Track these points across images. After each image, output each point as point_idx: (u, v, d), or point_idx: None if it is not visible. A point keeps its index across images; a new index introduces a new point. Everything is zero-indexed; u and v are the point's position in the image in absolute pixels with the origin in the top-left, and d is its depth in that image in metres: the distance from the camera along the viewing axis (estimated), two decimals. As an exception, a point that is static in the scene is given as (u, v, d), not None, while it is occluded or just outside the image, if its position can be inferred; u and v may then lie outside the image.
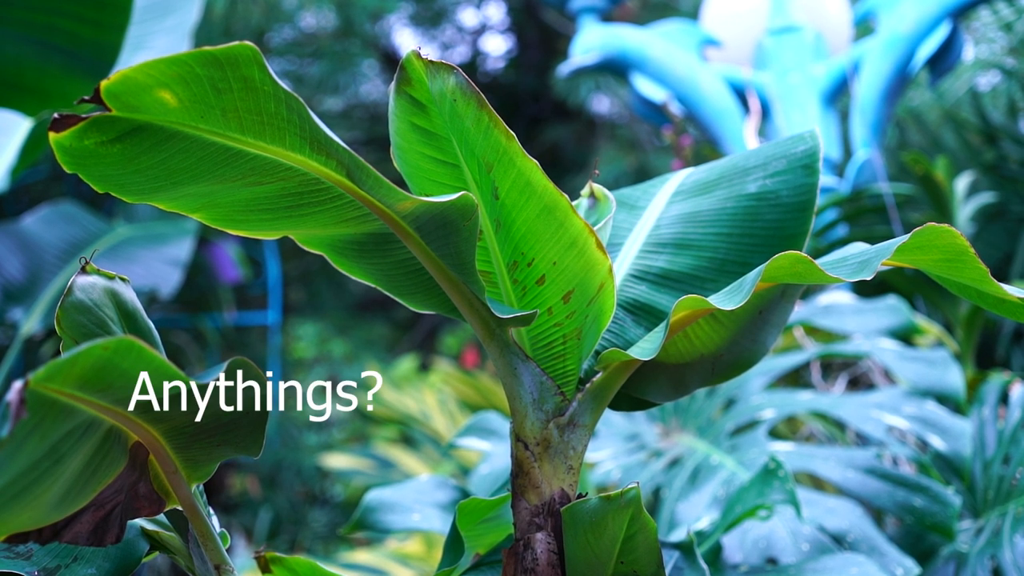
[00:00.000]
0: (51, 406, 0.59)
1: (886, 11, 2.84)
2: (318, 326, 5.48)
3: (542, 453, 0.81)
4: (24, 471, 0.58)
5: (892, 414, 1.39)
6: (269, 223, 0.78)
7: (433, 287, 0.84)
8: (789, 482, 1.09)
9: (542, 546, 0.80)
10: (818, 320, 1.63)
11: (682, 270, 0.93)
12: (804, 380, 1.97)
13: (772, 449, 1.41)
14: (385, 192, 0.71)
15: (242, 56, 0.63)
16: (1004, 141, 2.88)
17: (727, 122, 2.86)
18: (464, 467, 2.93)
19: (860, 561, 1.03)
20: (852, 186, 2.60)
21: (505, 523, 0.91)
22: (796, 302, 0.91)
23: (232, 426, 0.73)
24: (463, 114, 0.73)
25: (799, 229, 0.90)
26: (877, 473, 1.28)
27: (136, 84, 0.62)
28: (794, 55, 2.86)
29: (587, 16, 3.11)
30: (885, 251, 0.71)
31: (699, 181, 1.00)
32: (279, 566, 0.80)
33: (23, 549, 0.77)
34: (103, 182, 0.69)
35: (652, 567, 0.79)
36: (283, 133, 0.68)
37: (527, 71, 6.94)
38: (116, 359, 0.59)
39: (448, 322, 5.73)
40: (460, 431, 1.47)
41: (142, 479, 0.74)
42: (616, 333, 0.90)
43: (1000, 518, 1.32)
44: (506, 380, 0.82)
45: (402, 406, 3.78)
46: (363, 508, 1.20)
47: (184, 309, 4.15)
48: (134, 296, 0.77)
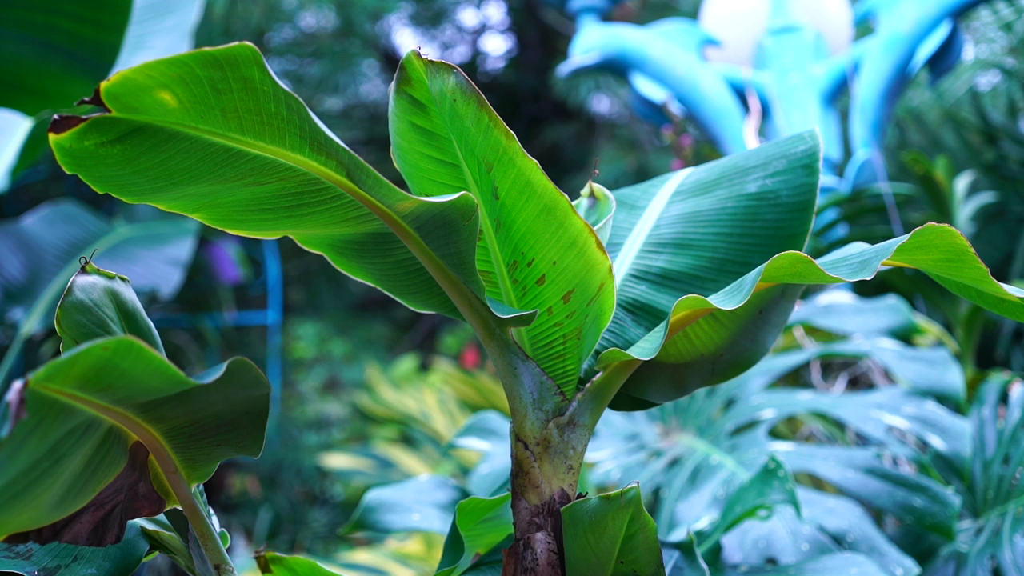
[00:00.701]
0: (51, 406, 0.59)
1: (886, 11, 2.84)
2: (318, 326, 5.48)
3: (542, 453, 0.81)
4: (24, 471, 0.58)
5: (892, 414, 1.39)
6: (269, 223, 0.78)
7: (433, 287, 0.84)
8: (789, 482, 1.09)
9: (542, 546, 0.80)
10: (818, 320, 1.63)
11: (682, 270, 0.93)
12: (804, 380, 1.97)
13: (772, 449, 1.41)
14: (385, 192, 0.71)
15: (242, 57, 0.63)
16: (1004, 141, 2.88)
17: (727, 122, 2.86)
18: (464, 467, 2.93)
19: (860, 561, 1.03)
20: (852, 186, 2.60)
21: (505, 523, 0.91)
22: (796, 302, 0.91)
23: (232, 426, 0.73)
24: (463, 114, 0.73)
25: (799, 229, 0.90)
26: (877, 473, 1.28)
27: (136, 85, 0.62)
28: (794, 55, 2.86)
29: (587, 16, 3.11)
30: (885, 251, 0.71)
31: (699, 181, 1.00)
32: (279, 566, 0.80)
33: (23, 549, 0.77)
34: (103, 183, 0.69)
35: (652, 567, 0.79)
36: (283, 133, 0.68)
37: (527, 71, 6.94)
38: (116, 359, 0.59)
39: (448, 322, 5.73)
40: (460, 431, 1.47)
41: (142, 479, 0.74)
42: (616, 333, 0.90)
43: (1000, 518, 1.32)
44: (506, 380, 0.82)
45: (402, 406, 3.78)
46: (363, 508, 1.20)
47: (184, 309, 4.15)
48: (134, 296, 0.77)
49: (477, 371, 4.01)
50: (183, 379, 0.62)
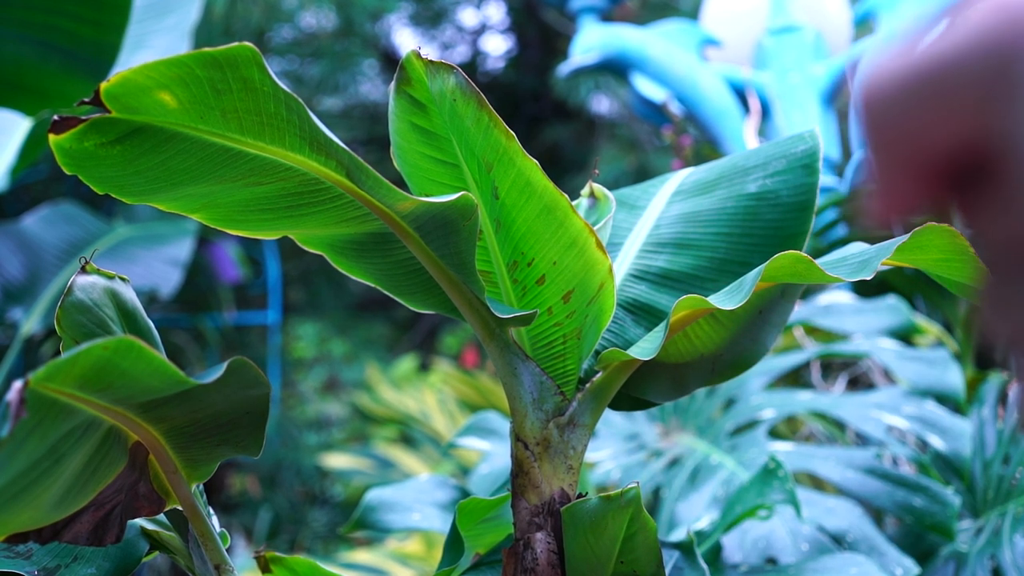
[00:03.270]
0: (51, 406, 0.59)
1: (886, 11, 2.84)
2: (318, 326, 5.48)
3: (542, 453, 0.81)
4: (24, 471, 0.58)
5: (892, 414, 1.39)
6: (269, 223, 0.78)
7: (433, 287, 0.84)
8: (789, 482, 1.09)
9: (542, 546, 0.80)
10: (818, 320, 1.63)
11: (682, 270, 0.93)
12: (804, 380, 1.97)
13: (772, 449, 1.41)
14: (385, 192, 0.71)
15: (242, 57, 0.63)
16: (1004, 141, 2.87)
17: (727, 122, 2.86)
18: (464, 467, 2.93)
19: (860, 561, 1.03)
20: (852, 186, 2.60)
21: (505, 523, 0.91)
22: (796, 302, 0.91)
23: (232, 426, 0.73)
24: (463, 114, 0.73)
25: (799, 229, 0.90)
26: (877, 473, 1.28)
27: (136, 86, 0.62)
28: (794, 55, 2.86)
29: (587, 16, 3.10)
30: (885, 251, 0.71)
31: (699, 181, 1.00)
32: (279, 566, 0.80)
33: (23, 549, 0.77)
34: (103, 183, 0.69)
35: (652, 567, 0.79)
36: (283, 133, 0.68)
37: (527, 71, 6.94)
38: (116, 359, 0.59)
39: (448, 322, 5.73)
40: (460, 431, 1.47)
41: (142, 479, 0.74)
42: (616, 333, 0.90)
43: (1000, 518, 1.32)
44: (506, 380, 0.82)
45: (402, 406, 3.79)
46: (363, 507, 1.20)
47: (184, 309, 4.15)
48: (134, 296, 0.77)
49: (477, 371, 4.01)
50: (183, 379, 0.62)
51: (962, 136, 0.31)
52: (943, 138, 0.31)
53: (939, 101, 0.31)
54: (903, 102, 0.32)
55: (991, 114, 0.30)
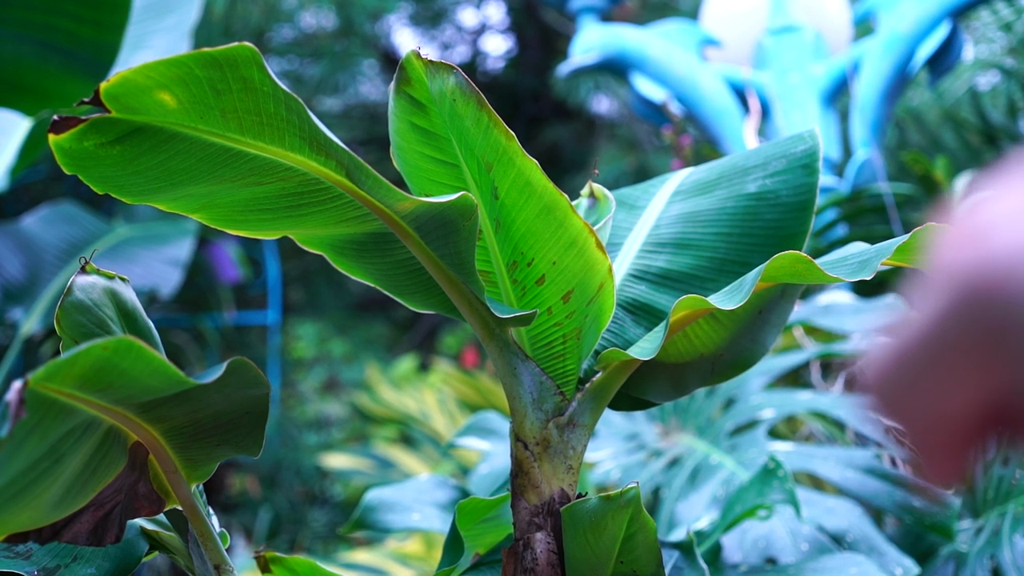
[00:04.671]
0: (51, 406, 0.59)
1: (886, 11, 2.84)
2: (318, 326, 5.48)
3: (542, 453, 0.81)
4: (24, 471, 0.58)
5: (892, 414, 1.39)
6: (269, 223, 0.78)
7: (433, 287, 0.84)
8: (788, 482, 1.09)
9: (542, 546, 0.80)
10: (818, 320, 1.63)
11: (682, 270, 0.93)
12: (804, 380, 1.97)
13: (772, 449, 1.41)
14: (384, 192, 0.71)
15: (241, 57, 0.63)
16: (1004, 141, 2.88)
17: (727, 122, 2.86)
18: (464, 467, 2.93)
19: (859, 561, 1.03)
20: (852, 186, 2.60)
21: (505, 523, 0.91)
22: (796, 302, 0.91)
23: (232, 426, 0.73)
24: (463, 114, 0.73)
25: (799, 229, 0.90)
26: (876, 473, 1.28)
27: (135, 86, 0.62)
28: (794, 55, 2.86)
29: (587, 16, 3.10)
30: (885, 251, 0.71)
31: (699, 181, 1.00)
32: (279, 566, 0.80)
33: (23, 549, 0.77)
34: (103, 183, 0.69)
35: (652, 567, 0.79)
36: (282, 133, 0.68)
37: (527, 71, 6.94)
38: (116, 359, 0.59)
39: (448, 322, 5.73)
40: (460, 431, 1.47)
41: (142, 479, 0.74)
42: (616, 333, 0.90)
43: (1000, 518, 1.32)
44: (506, 380, 0.82)
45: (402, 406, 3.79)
46: (363, 507, 1.20)
47: (184, 309, 4.15)
48: (134, 296, 0.77)
49: (477, 371, 4.01)
50: (183, 379, 0.62)
51: (983, 397, 0.32)
52: (964, 402, 0.32)
53: (947, 370, 0.32)
54: (913, 380, 0.33)
55: (1001, 372, 0.31)
